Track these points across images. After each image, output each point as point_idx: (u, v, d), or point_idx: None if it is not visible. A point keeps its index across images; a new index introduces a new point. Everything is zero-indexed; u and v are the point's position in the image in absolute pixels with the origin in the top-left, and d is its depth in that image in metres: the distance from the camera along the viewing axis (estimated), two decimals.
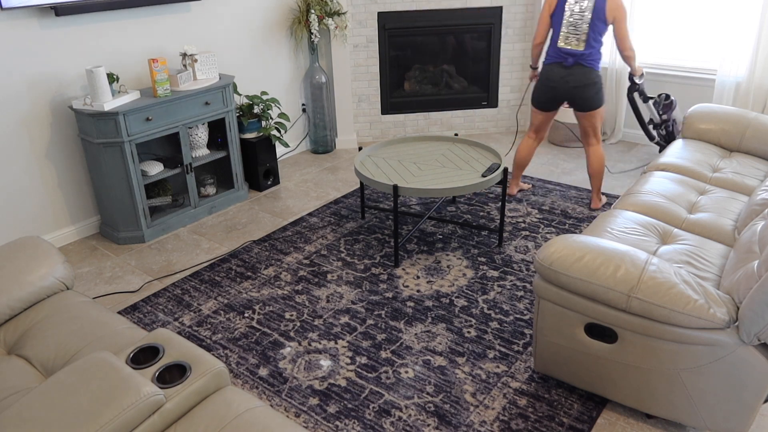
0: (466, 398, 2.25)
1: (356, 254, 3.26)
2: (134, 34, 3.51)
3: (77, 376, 1.47)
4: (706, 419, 1.95)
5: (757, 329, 1.71)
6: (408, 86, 4.97)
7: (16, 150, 3.16)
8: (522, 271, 3.06)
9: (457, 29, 4.72)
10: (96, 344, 1.82)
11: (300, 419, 2.18)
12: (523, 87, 4.97)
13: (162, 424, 1.48)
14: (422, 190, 2.93)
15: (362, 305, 2.82)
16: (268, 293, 2.94)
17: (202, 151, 3.73)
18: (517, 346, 2.52)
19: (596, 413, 2.17)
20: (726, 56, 4.10)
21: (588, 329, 2.06)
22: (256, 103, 4.01)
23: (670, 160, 3.08)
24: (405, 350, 2.51)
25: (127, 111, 3.16)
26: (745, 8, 3.93)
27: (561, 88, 3.39)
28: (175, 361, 1.60)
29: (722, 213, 2.58)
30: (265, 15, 4.26)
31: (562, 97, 3.43)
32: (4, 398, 1.66)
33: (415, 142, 3.60)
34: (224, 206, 3.88)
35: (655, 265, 1.92)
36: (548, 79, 3.41)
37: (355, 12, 4.51)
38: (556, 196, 3.86)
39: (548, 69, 3.42)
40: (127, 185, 3.31)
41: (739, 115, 3.25)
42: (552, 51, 3.41)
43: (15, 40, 3.02)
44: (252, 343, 2.58)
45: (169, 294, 2.96)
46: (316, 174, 4.39)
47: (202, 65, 3.61)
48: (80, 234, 3.54)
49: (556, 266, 2.00)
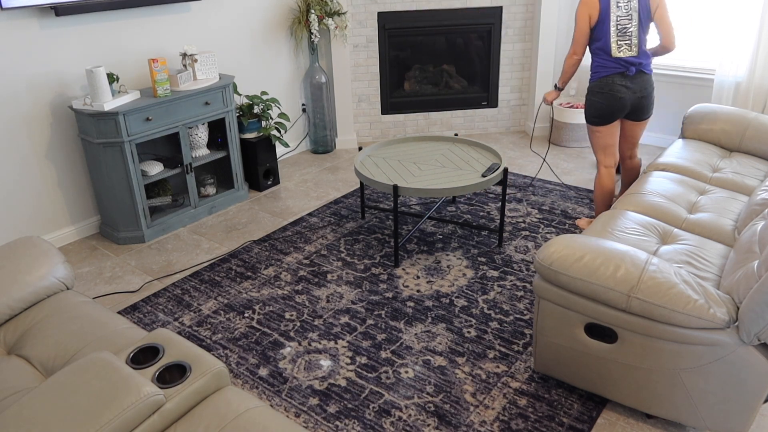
0: (466, 398, 2.25)
1: (356, 254, 3.26)
2: (134, 34, 3.51)
3: (77, 376, 1.47)
4: (706, 419, 1.95)
5: (757, 329, 1.71)
6: (408, 86, 4.97)
7: (16, 150, 3.16)
8: (522, 271, 3.06)
9: (457, 29, 4.72)
10: (96, 344, 1.82)
11: (300, 419, 2.18)
12: (524, 87, 4.97)
13: (162, 424, 1.48)
14: (422, 190, 2.93)
15: (362, 305, 2.82)
16: (268, 293, 2.94)
17: (202, 151, 3.73)
18: (517, 346, 2.52)
19: (596, 413, 2.17)
20: (725, 56, 4.10)
21: (588, 329, 2.07)
22: (256, 103, 4.01)
23: (670, 160, 3.07)
24: (405, 350, 2.51)
25: (127, 111, 3.16)
26: (745, 8, 3.93)
27: (628, 99, 3.15)
28: (175, 361, 1.60)
29: (722, 213, 2.58)
30: (265, 15, 4.26)
31: (628, 109, 3.21)
32: (4, 398, 1.66)
33: (415, 142, 3.60)
34: (224, 206, 3.88)
35: (655, 265, 1.92)
36: (613, 90, 3.14)
37: (355, 12, 4.51)
38: (556, 196, 3.86)
39: (609, 81, 3.14)
40: (127, 185, 3.31)
41: (739, 115, 3.24)
42: (608, 62, 3.14)
43: (15, 40, 3.02)
44: (252, 343, 2.58)
45: (169, 294, 2.96)
46: (316, 174, 4.39)
47: (202, 65, 3.61)
48: (80, 234, 3.54)
49: (556, 266, 2.00)
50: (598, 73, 3.17)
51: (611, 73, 3.14)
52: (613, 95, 3.13)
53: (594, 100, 3.19)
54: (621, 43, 3.10)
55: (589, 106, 3.22)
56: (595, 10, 3.06)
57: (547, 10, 4.60)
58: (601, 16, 3.07)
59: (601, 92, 3.16)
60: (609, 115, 3.19)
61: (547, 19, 4.63)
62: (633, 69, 3.11)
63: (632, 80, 3.13)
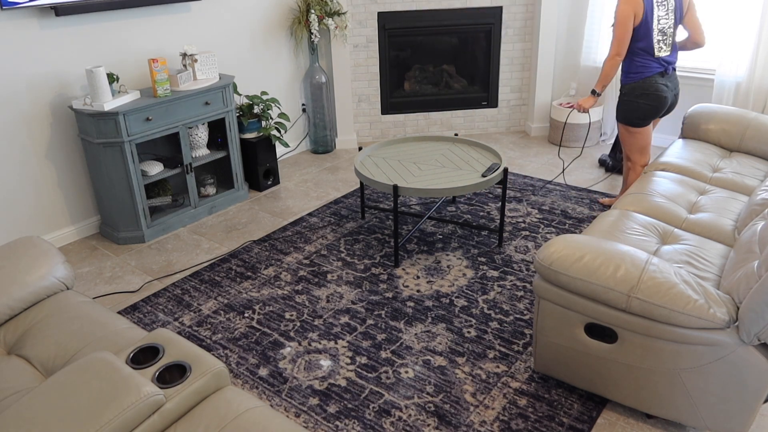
0: (466, 398, 2.25)
1: (356, 254, 3.26)
2: (134, 34, 3.51)
3: (77, 376, 1.47)
4: (706, 419, 1.95)
5: (758, 329, 1.71)
6: (408, 86, 4.97)
7: (16, 150, 3.16)
8: (522, 271, 3.06)
9: (457, 29, 4.72)
10: (96, 344, 1.82)
11: (300, 419, 2.18)
12: (524, 87, 4.97)
13: (162, 424, 1.48)
14: (422, 190, 2.93)
15: (362, 305, 2.82)
16: (268, 293, 2.94)
17: (202, 151, 3.73)
18: (517, 346, 2.52)
19: (596, 413, 2.17)
20: (726, 56, 4.10)
21: (588, 329, 2.06)
22: (256, 103, 4.01)
23: (670, 160, 3.07)
24: (405, 350, 2.51)
25: (127, 111, 3.16)
26: (745, 8, 3.93)
27: (669, 98, 3.22)
28: (175, 361, 1.60)
29: (722, 213, 2.58)
30: (265, 15, 4.26)
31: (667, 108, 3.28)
32: (4, 398, 1.66)
33: (415, 142, 3.60)
34: (224, 206, 3.88)
35: (655, 265, 1.92)
36: (659, 91, 3.16)
37: (355, 12, 4.51)
38: (556, 196, 3.86)
39: (652, 81, 3.17)
40: (127, 185, 3.31)
41: (739, 115, 3.25)
42: (650, 62, 3.15)
43: (15, 40, 3.02)
44: (252, 343, 2.58)
45: (169, 294, 2.96)
46: (316, 174, 4.39)
47: (202, 65, 3.61)
48: (80, 234, 3.54)
49: (556, 266, 2.00)
50: (640, 74, 3.17)
51: (653, 73, 3.17)
52: (659, 95, 3.17)
53: (640, 102, 3.20)
54: (661, 43, 3.13)
55: (634, 108, 3.22)
56: (640, 8, 3.05)
57: (547, 10, 4.60)
58: (646, 15, 3.07)
59: (646, 93, 3.17)
60: (654, 115, 3.24)
61: (547, 19, 4.63)
62: (670, 68, 3.19)
63: (670, 79, 3.21)
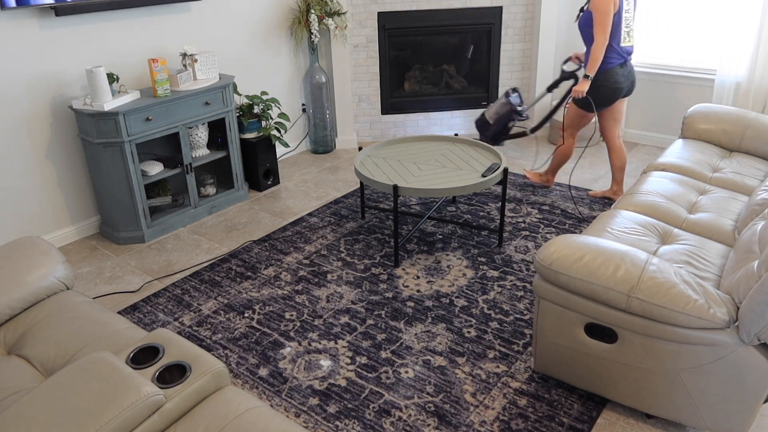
0: (466, 398, 2.25)
1: (356, 254, 3.26)
2: (134, 34, 3.51)
3: (77, 376, 1.47)
4: (706, 419, 1.95)
5: (758, 329, 1.71)
6: (408, 86, 4.97)
7: (16, 150, 3.16)
8: (522, 271, 3.06)
9: (457, 29, 4.72)
10: (96, 344, 1.82)
11: (300, 419, 2.18)
12: (524, 87, 4.96)
13: (162, 424, 1.48)
14: (422, 190, 2.93)
15: (362, 305, 2.82)
16: (268, 293, 2.94)
17: (202, 151, 3.73)
18: (517, 346, 2.52)
19: (596, 413, 2.17)
20: (726, 56, 4.10)
21: (588, 329, 2.06)
22: (256, 103, 4.00)
23: (670, 160, 3.07)
24: (405, 350, 2.51)
25: (127, 111, 3.15)
26: (745, 8, 3.93)
27: (625, 88, 3.38)
28: (175, 361, 1.60)
29: (722, 213, 2.58)
30: (265, 15, 4.26)
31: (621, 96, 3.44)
32: (4, 398, 1.66)
33: (415, 142, 3.60)
34: (224, 206, 3.88)
35: (655, 265, 1.92)
36: (617, 83, 3.31)
37: (355, 12, 4.51)
38: (556, 196, 3.86)
39: (615, 71, 3.31)
40: (127, 185, 3.31)
41: (739, 115, 3.25)
42: (613, 54, 3.27)
43: (15, 40, 3.02)
44: (252, 343, 2.58)
45: (169, 294, 2.96)
46: (316, 174, 4.39)
47: (202, 65, 3.60)
48: (80, 234, 3.54)
49: (556, 266, 2.00)
50: (603, 65, 3.32)
51: (616, 64, 3.33)
52: (617, 87, 3.36)
53: (600, 91, 3.37)
54: (625, 33, 3.28)
55: (593, 96, 3.38)
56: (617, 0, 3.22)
57: (547, 10, 4.60)
58: (619, 6, 3.23)
59: (605, 85, 3.36)
60: (609, 104, 3.44)
61: (547, 19, 4.63)
62: (629, 57, 3.35)
63: (628, 69, 3.37)
